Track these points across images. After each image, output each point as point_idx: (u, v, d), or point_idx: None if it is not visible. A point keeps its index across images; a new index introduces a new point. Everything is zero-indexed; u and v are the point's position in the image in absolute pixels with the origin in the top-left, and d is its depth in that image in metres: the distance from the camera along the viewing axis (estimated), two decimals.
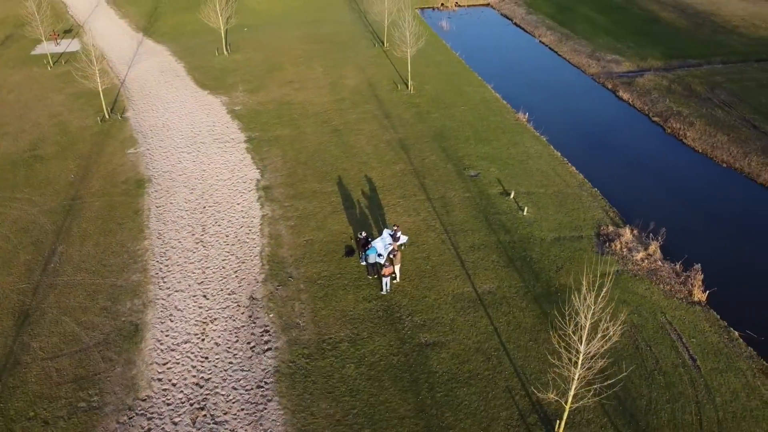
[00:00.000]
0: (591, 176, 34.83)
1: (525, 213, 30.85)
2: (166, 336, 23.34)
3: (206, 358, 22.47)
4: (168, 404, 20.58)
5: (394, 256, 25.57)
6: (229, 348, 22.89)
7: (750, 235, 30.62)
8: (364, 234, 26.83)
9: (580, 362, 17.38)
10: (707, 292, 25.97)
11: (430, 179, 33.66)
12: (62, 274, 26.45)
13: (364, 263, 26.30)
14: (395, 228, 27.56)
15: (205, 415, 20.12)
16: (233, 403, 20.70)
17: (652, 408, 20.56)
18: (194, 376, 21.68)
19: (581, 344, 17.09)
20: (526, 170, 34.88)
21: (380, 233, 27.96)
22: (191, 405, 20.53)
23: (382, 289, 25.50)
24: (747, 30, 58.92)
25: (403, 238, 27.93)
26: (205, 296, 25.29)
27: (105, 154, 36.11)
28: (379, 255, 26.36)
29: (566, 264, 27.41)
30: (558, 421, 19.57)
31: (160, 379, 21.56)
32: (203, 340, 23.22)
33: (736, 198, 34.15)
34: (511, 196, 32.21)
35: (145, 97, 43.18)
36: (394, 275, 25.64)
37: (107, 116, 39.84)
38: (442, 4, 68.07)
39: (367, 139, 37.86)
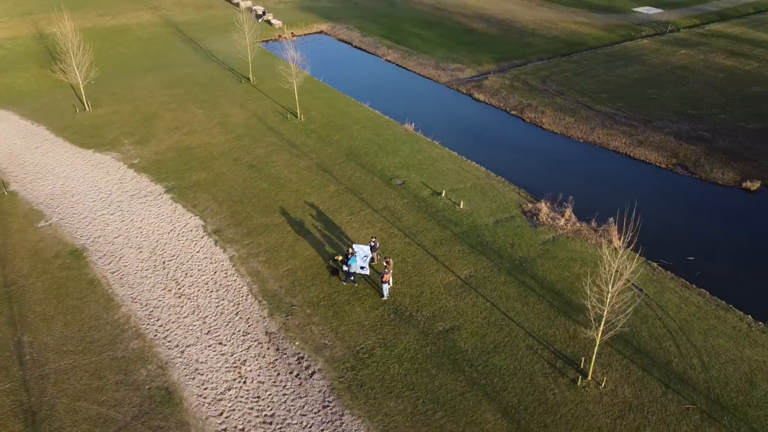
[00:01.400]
0: (490, 167, 40.26)
1: (461, 206, 35.01)
2: (206, 389, 22.97)
3: (258, 397, 22.69)
4: None
5: (388, 263, 27.88)
6: (275, 382, 23.32)
7: (630, 189, 38.27)
8: (350, 250, 28.73)
9: (608, 301, 21.65)
10: (622, 238, 32.32)
11: (366, 194, 36.23)
12: (47, 363, 24.13)
13: (345, 269, 28.08)
14: (373, 239, 29.80)
15: None
16: (310, 428, 21.44)
17: (635, 331, 25.75)
18: (257, 417, 21.88)
19: (610, 287, 21.33)
20: (439, 172, 39.13)
21: (354, 251, 29.67)
22: None
23: (382, 296, 27.60)
24: (543, 32, 70.70)
25: (365, 248, 29.86)
26: (221, 343, 25.10)
27: (12, 232, 32.54)
28: (362, 267, 28.45)
29: (515, 239, 32.06)
30: (583, 358, 23.78)
31: (224, 429, 21.38)
32: (245, 382, 23.30)
33: (606, 163, 42.23)
34: (443, 194, 36.17)
35: (22, 167, 39.14)
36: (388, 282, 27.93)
37: None
38: (280, 36, 70.33)
39: (287, 168, 39.10)
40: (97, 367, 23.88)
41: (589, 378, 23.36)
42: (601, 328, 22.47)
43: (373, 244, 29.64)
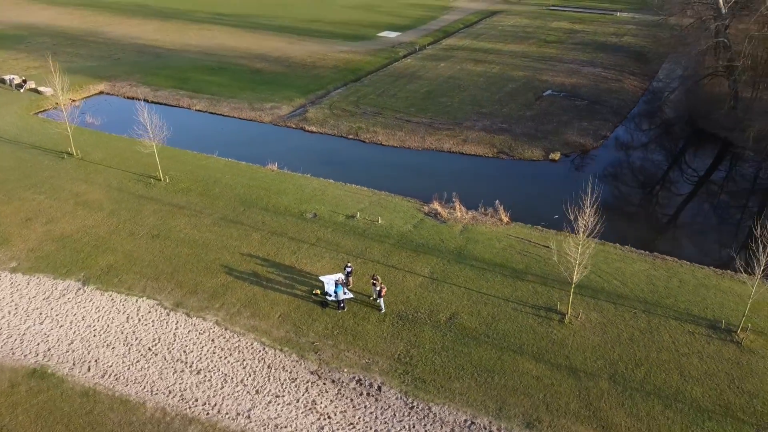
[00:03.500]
0: (368, 185, 45.18)
1: (380, 222, 39.49)
2: None
3: (351, 424, 24.40)
4: None
5: (377, 280, 31.23)
6: (355, 407, 25.19)
7: (482, 176, 47.13)
8: (342, 275, 31.30)
9: (579, 250, 28.89)
10: (508, 214, 40.64)
11: (291, 232, 38.13)
12: None
13: (332, 298, 30.73)
14: (349, 265, 32.64)
15: None
16: (414, 428, 24.19)
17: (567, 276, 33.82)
18: None
19: (582, 236, 28.58)
20: (334, 199, 42.74)
21: (324, 285, 32.17)
22: None
23: (380, 309, 30.88)
24: (322, 63, 77.62)
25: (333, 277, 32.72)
26: (278, 395, 25.70)
27: None
28: (345, 293, 31.39)
29: (439, 236, 37.90)
30: (559, 303, 30.86)
31: None
32: (330, 417, 24.68)
33: (451, 162, 50.67)
34: (357, 216, 40.09)
35: None
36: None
37: None
38: (57, 104, 63.91)
39: (194, 229, 38.40)
40: None
41: (569, 315, 30.42)
42: (575, 278, 29.57)
43: (349, 269, 32.41)
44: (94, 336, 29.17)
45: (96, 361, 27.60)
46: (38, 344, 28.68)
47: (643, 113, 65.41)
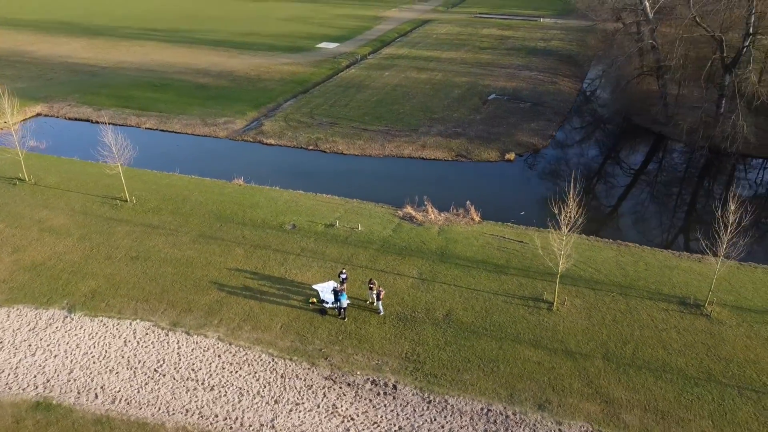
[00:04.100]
0: (342, 194, 45.87)
1: (360, 228, 40.42)
2: None
3: (375, 423, 25.20)
4: None
5: (374, 284, 32.19)
6: (375, 406, 26.01)
7: (446, 179, 48.98)
8: (339, 284, 31.98)
9: (564, 242, 31.03)
10: (479, 213, 42.64)
11: (274, 245, 38.39)
12: None
13: (333, 305, 31.50)
14: (343, 272, 33.37)
15: None
16: (435, 420, 25.34)
17: (547, 264, 36.04)
18: None
19: (565, 229, 30.71)
20: (309, 209, 43.28)
21: (319, 293, 32.85)
22: None
23: (379, 312, 31.85)
24: (266, 76, 77.59)
25: (328, 285, 33.48)
26: (297, 403, 26.10)
27: None
28: (347, 300, 32.15)
29: (419, 238, 39.29)
30: (545, 293, 32.91)
31: None
32: (353, 419, 25.40)
33: (414, 167, 52.28)
34: (336, 224, 40.86)
35: None
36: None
37: None
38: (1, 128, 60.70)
39: (174, 248, 37.88)
40: None
41: (556, 303, 32.51)
42: (560, 268, 31.70)
43: (344, 276, 33.15)
44: (94, 363, 28.45)
45: (102, 387, 26.99)
46: (35, 376, 27.67)
47: (582, 112, 69.76)
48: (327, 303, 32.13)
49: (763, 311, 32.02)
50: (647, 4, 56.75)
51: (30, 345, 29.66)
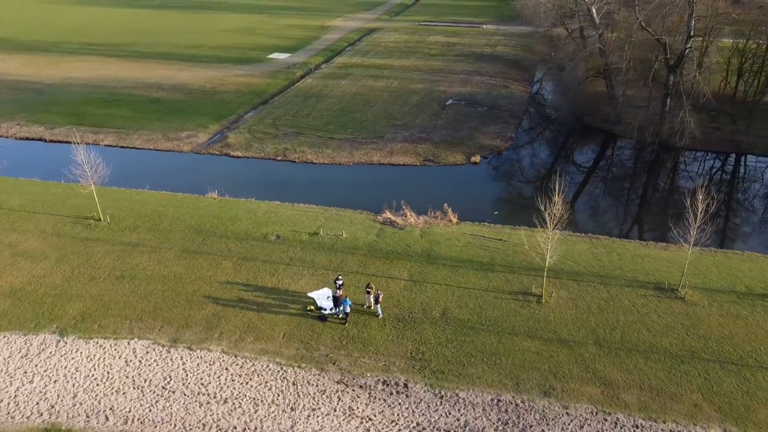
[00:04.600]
0: (319, 203, 46.35)
1: (344, 235, 41.08)
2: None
3: (393, 422, 25.97)
4: None
5: (371, 288, 32.95)
6: (390, 405, 26.74)
7: (420, 184, 50.31)
8: (337, 291, 32.59)
9: (550, 238, 32.77)
10: (456, 215, 44.13)
11: (262, 256, 38.47)
12: None
13: (337, 311, 32.13)
14: (339, 278, 33.93)
15: None
16: (450, 414, 26.36)
17: (529, 259, 37.79)
18: (415, 430, 25.50)
19: (551, 227, 32.44)
20: (289, 219, 43.59)
21: (315, 300, 33.39)
22: None
23: (378, 315, 32.64)
24: (222, 89, 76.91)
25: (323, 292, 34.10)
26: (314, 408, 26.51)
27: None
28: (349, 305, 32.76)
29: (404, 242, 40.32)
30: (532, 286, 34.57)
31: None
32: (371, 419, 26.07)
33: (386, 173, 53.36)
34: (320, 233, 41.34)
35: None
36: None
37: None
38: None
39: (160, 264, 37.33)
40: None
41: (544, 295, 34.21)
42: (548, 262, 33.43)
43: (340, 282, 33.70)
44: (98, 385, 27.90)
45: (111, 409, 26.55)
46: (37, 403, 26.89)
47: (536, 114, 72.83)
48: (325, 310, 32.65)
49: (729, 291, 34.75)
50: (594, 10, 60.09)
51: (26, 372, 28.75)
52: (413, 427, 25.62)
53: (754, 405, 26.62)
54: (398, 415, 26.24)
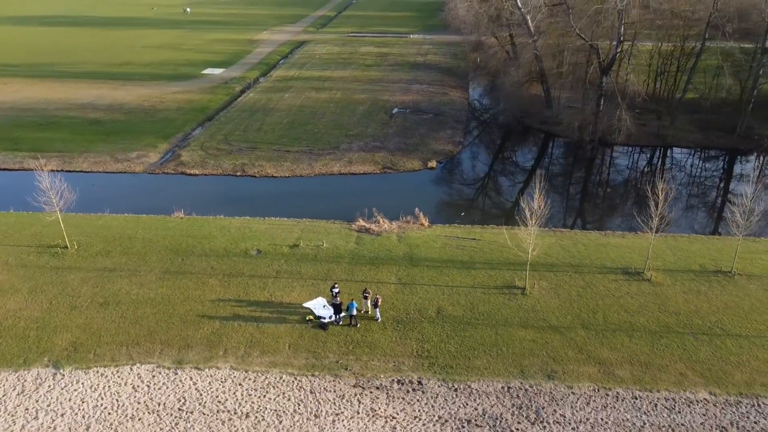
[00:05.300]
0: (290, 215, 46.76)
1: (325, 245, 41.79)
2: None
3: (416, 417, 27.11)
4: None
5: (369, 293, 33.98)
6: (409, 403, 27.88)
7: (383, 191, 51.69)
8: (336, 298, 33.36)
9: (532, 234, 35.08)
10: (427, 218, 45.92)
11: (248, 271, 38.44)
12: None
13: (337, 318, 32.98)
14: (335, 286, 34.67)
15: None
16: (467, 404, 27.86)
17: (507, 255, 40.03)
18: (437, 422, 26.75)
19: (533, 226, 34.78)
20: (265, 233, 43.72)
21: (315, 309, 34.09)
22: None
23: (377, 319, 33.71)
24: (162, 106, 75.13)
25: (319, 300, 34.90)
26: (337, 413, 27.17)
27: None
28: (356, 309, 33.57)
29: (383, 248, 41.58)
30: (517, 280, 36.80)
31: None
32: (395, 417, 27.10)
33: (347, 183, 54.45)
34: (300, 245, 41.84)
35: None
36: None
37: None
38: None
39: (144, 288, 36.49)
40: None
41: (528, 287, 36.48)
42: (530, 256, 35.73)
43: (336, 290, 34.43)
44: (110, 414, 27.23)
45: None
46: None
47: (478, 119, 76.22)
48: (325, 318, 33.31)
49: (686, 271, 38.43)
50: (529, 18, 64.02)
51: (27, 409, 27.58)
52: (436, 420, 26.86)
53: (730, 369, 29.85)
54: (419, 410, 27.39)
